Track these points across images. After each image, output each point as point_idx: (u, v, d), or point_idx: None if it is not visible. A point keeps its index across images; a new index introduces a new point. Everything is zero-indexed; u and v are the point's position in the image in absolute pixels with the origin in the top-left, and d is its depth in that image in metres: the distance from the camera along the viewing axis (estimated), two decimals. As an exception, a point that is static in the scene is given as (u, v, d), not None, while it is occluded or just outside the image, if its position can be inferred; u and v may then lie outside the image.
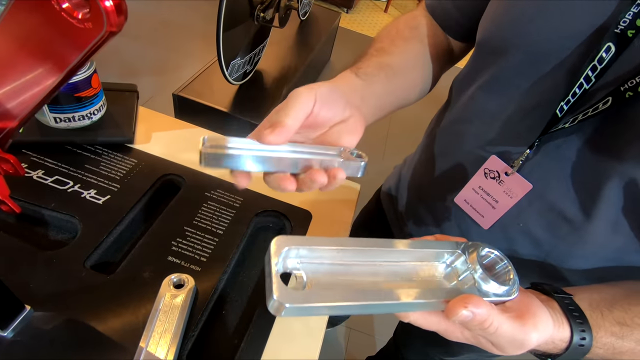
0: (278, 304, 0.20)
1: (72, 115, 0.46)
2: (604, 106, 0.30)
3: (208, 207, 0.46)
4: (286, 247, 0.22)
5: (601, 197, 0.34)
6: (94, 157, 0.48)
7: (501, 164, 0.39)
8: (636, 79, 0.28)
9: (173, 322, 0.34)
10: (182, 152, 0.52)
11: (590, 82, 0.31)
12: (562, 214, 0.37)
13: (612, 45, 0.29)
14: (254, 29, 1.47)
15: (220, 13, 1.12)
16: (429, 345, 0.65)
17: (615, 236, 0.35)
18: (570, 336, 0.28)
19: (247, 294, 0.42)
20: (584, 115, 0.31)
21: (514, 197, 0.40)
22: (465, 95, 0.44)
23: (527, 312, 0.26)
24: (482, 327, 0.24)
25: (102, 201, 0.43)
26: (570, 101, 0.32)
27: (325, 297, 0.21)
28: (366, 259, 0.26)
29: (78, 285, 0.36)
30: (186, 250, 0.41)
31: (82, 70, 0.43)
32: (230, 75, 1.38)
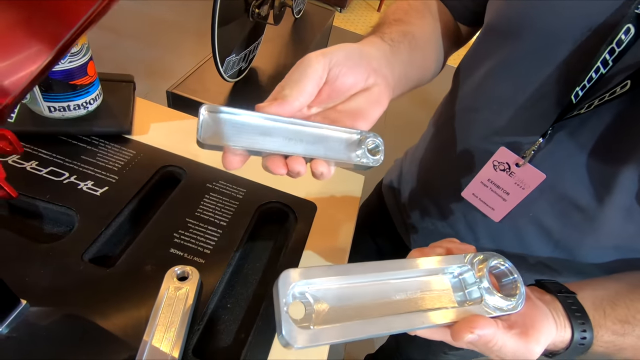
0: (286, 343, 0.20)
1: (67, 105, 0.44)
2: (622, 90, 0.29)
3: (210, 199, 0.45)
4: (293, 282, 0.22)
5: (616, 184, 0.33)
6: (90, 148, 0.46)
7: (511, 155, 0.38)
8: None
9: (178, 315, 0.33)
10: (181, 143, 0.51)
11: (607, 65, 0.30)
12: (574, 203, 0.36)
13: (631, 27, 0.28)
14: (249, 26, 1.45)
15: (215, 7, 1.10)
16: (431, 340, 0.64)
17: (627, 224, 0.35)
18: (571, 336, 0.28)
19: (253, 287, 0.40)
20: (600, 101, 0.30)
21: (527, 188, 0.38)
22: (473, 81, 0.43)
23: (532, 327, 0.26)
24: (487, 347, 0.25)
25: (100, 193, 0.41)
26: (586, 86, 0.31)
27: (333, 335, 0.21)
28: (374, 279, 0.26)
29: (76, 279, 0.35)
30: (189, 242, 0.40)
31: (77, 56, 0.42)
32: (225, 72, 1.36)
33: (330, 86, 0.27)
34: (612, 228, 0.36)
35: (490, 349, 0.25)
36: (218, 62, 1.26)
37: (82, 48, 0.42)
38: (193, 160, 0.49)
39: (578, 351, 0.29)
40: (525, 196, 0.38)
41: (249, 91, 1.56)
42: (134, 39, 2.11)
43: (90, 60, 0.44)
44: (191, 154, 0.49)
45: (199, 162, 0.49)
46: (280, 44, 1.94)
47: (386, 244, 0.66)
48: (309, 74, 0.26)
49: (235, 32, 1.34)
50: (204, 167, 0.49)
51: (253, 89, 1.60)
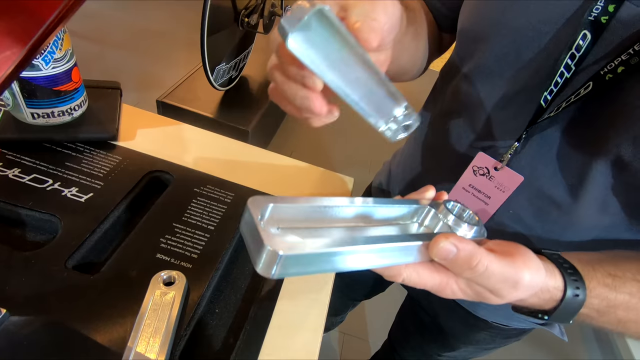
0: (270, 256, 0.18)
1: (51, 111, 0.44)
2: (586, 91, 0.30)
3: (198, 203, 0.44)
4: (264, 204, 0.21)
5: (588, 178, 0.34)
6: (75, 154, 0.45)
7: (490, 160, 0.39)
8: (614, 61, 0.28)
9: (164, 320, 0.32)
10: (169, 149, 0.50)
11: (570, 70, 0.31)
12: (550, 199, 0.37)
13: (587, 33, 0.30)
14: (238, 35, 1.46)
15: (204, 16, 1.11)
16: (425, 342, 0.63)
17: (603, 216, 0.36)
18: (564, 287, 0.28)
19: (242, 291, 0.40)
20: (567, 102, 0.32)
21: (506, 190, 0.40)
22: (451, 86, 0.44)
23: (516, 251, 0.26)
24: (470, 266, 0.24)
25: (85, 199, 0.41)
26: (553, 91, 0.32)
27: (317, 244, 0.20)
28: (342, 223, 0.26)
29: (59, 286, 0.34)
30: (176, 247, 0.39)
31: (61, 62, 0.41)
32: (215, 81, 1.37)
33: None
34: (588, 221, 0.36)
35: (475, 271, 0.24)
36: (208, 70, 1.27)
37: (65, 54, 0.41)
38: (181, 165, 0.49)
39: (573, 306, 0.28)
40: (505, 199, 0.39)
41: (240, 99, 1.56)
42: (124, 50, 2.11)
43: (75, 66, 0.44)
44: (179, 159, 0.49)
45: (186, 167, 0.49)
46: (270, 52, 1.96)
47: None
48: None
49: (225, 41, 1.35)
50: (192, 171, 0.48)
51: (244, 97, 1.60)
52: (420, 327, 0.64)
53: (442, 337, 0.60)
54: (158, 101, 1.40)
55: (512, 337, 0.55)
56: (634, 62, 0.27)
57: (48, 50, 0.40)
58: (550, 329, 0.51)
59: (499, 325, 0.52)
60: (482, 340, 0.56)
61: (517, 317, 0.49)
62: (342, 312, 1.05)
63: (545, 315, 0.29)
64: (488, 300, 0.27)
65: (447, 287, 0.26)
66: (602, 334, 1.59)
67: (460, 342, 0.58)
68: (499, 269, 0.24)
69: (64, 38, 0.41)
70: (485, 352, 0.60)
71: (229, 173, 0.50)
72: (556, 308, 0.28)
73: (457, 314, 0.54)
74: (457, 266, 0.24)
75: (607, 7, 0.28)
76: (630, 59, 0.28)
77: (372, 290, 0.84)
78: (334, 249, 0.21)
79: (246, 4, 1.41)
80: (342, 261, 0.22)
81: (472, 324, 0.54)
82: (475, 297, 0.27)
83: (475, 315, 0.52)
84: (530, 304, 0.29)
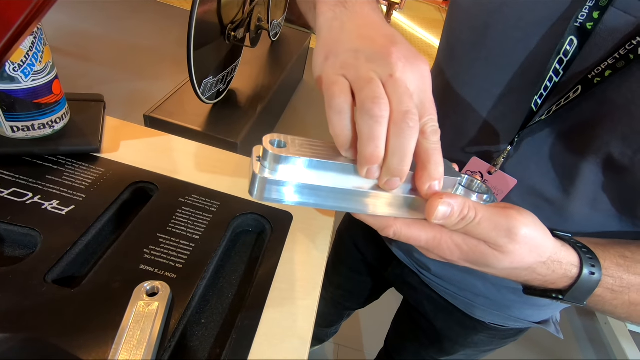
0: (255, 179, 0.23)
1: (31, 124, 0.43)
2: (575, 95, 0.31)
3: (183, 213, 0.44)
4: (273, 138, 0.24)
5: (579, 176, 0.34)
6: (56, 167, 0.45)
7: (483, 164, 0.40)
8: (602, 66, 0.29)
9: (147, 332, 0.31)
10: (153, 160, 0.50)
11: (559, 74, 0.32)
12: (543, 196, 0.38)
13: (574, 39, 0.30)
14: (225, 48, 1.47)
15: (190, 31, 1.12)
16: (422, 347, 0.63)
17: (595, 213, 0.36)
18: (580, 263, 0.27)
19: (229, 301, 0.39)
20: (557, 106, 0.32)
21: (500, 194, 0.40)
22: (440, 89, 0.45)
23: (513, 207, 0.26)
24: (463, 217, 0.24)
25: (66, 212, 0.40)
26: (543, 95, 0.33)
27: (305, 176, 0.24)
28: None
29: (37, 301, 0.33)
30: (160, 257, 0.39)
31: (41, 74, 0.41)
32: (203, 94, 1.37)
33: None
34: (581, 218, 0.37)
35: (467, 221, 0.24)
36: (195, 83, 1.27)
37: (46, 66, 0.41)
38: (166, 175, 0.48)
39: (589, 285, 0.28)
40: (499, 201, 0.40)
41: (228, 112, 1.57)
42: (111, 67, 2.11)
43: (56, 79, 0.44)
44: (163, 170, 0.49)
45: (171, 177, 0.48)
46: (258, 65, 1.98)
47: (370, 253, 0.65)
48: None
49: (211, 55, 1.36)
50: (177, 182, 0.48)
51: (232, 110, 1.61)
52: (417, 332, 0.64)
53: (440, 341, 0.59)
54: (145, 116, 1.40)
55: (510, 337, 0.55)
56: (620, 65, 0.28)
57: (28, 63, 0.39)
58: (546, 327, 0.51)
59: (496, 326, 0.52)
60: (480, 343, 0.56)
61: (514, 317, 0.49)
62: (336, 322, 1.04)
63: (560, 295, 0.29)
64: (487, 258, 0.26)
65: (442, 242, 0.26)
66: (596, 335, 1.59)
67: (457, 345, 0.58)
68: (490, 215, 0.24)
69: (44, 50, 0.41)
70: (484, 354, 0.60)
71: (214, 182, 0.49)
72: (572, 286, 0.28)
73: (454, 316, 0.54)
74: (453, 222, 0.24)
75: (592, 14, 0.29)
76: (616, 63, 0.28)
77: (367, 299, 0.83)
78: (318, 183, 0.24)
79: (232, 19, 1.42)
80: (328, 198, 0.24)
81: (469, 326, 0.54)
82: (472, 255, 0.26)
83: (472, 317, 0.52)
84: (541, 278, 0.28)
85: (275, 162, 0.23)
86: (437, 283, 0.52)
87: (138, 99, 1.91)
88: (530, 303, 0.47)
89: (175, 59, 2.31)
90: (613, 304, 0.30)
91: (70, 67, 2.00)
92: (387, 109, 0.22)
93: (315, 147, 0.25)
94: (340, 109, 0.23)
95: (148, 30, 2.55)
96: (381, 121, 0.21)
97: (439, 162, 0.24)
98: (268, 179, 0.23)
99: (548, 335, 1.51)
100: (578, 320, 1.64)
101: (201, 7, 1.16)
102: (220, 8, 1.31)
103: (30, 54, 0.39)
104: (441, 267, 0.50)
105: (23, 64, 0.39)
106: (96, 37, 2.31)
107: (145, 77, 2.12)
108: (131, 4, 2.82)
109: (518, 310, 0.48)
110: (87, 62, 2.08)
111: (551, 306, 0.49)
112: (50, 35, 1.83)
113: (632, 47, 0.27)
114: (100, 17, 2.51)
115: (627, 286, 0.29)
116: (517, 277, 0.28)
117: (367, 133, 0.22)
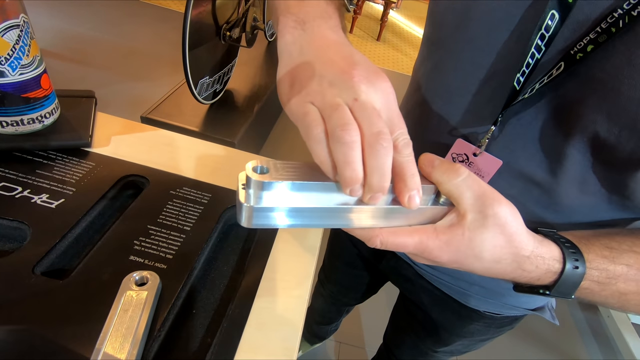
0: (241, 208, 0.24)
1: (20, 119, 0.43)
2: (558, 71, 0.31)
3: (174, 205, 0.44)
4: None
5: (567, 157, 0.34)
6: (46, 162, 0.44)
7: (468, 146, 0.39)
8: (584, 40, 0.29)
9: (135, 321, 0.31)
10: (145, 154, 0.50)
11: (541, 50, 0.31)
12: (531, 179, 0.37)
13: (555, 13, 0.30)
14: (221, 48, 1.48)
15: (185, 30, 1.12)
16: (419, 339, 0.62)
17: (584, 195, 0.36)
18: (562, 258, 0.27)
19: (220, 292, 0.39)
20: (540, 84, 0.32)
21: (486, 176, 0.39)
22: (424, 76, 0.44)
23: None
24: (453, 168, 0.26)
25: (55, 205, 0.40)
26: (525, 72, 0.33)
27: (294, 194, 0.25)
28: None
29: (26, 293, 0.33)
30: (150, 248, 0.38)
31: (29, 68, 0.41)
32: (199, 94, 1.37)
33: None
34: (570, 201, 0.36)
35: (458, 173, 0.26)
36: (191, 84, 1.27)
37: (33, 60, 0.41)
38: (157, 169, 0.48)
39: (574, 279, 0.28)
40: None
41: (225, 112, 1.57)
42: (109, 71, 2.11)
43: (45, 73, 0.44)
44: (155, 163, 0.49)
45: (163, 170, 0.48)
46: (255, 66, 1.98)
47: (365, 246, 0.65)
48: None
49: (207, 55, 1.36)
50: (168, 175, 0.48)
51: (229, 110, 1.61)
52: (414, 324, 0.63)
53: (436, 332, 0.59)
54: (142, 117, 1.40)
55: (505, 325, 0.55)
56: (602, 39, 0.28)
57: (15, 57, 0.39)
58: (542, 313, 0.51)
59: (491, 315, 0.52)
60: (476, 332, 0.56)
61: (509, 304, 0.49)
62: (336, 319, 1.04)
63: (547, 290, 0.29)
64: (474, 244, 0.26)
65: (429, 244, 0.26)
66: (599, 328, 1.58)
67: (454, 335, 0.57)
68: (481, 182, 0.26)
69: (31, 44, 0.41)
70: (481, 343, 0.60)
71: (206, 175, 0.49)
72: (556, 281, 0.28)
73: (450, 306, 0.54)
74: (441, 170, 0.26)
75: None
76: (598, 37, 0.28)
77: (365, 294, 0.83)
78: (302, 205, 0.25)
79: (227, 19, 1.43)
80: (315, 217, 0.25)
81: (464, 316, 0.53)
82: (460, 248, 0.26)
83: (467, 306, 0.52)
84: (527, 274, 0.28)
85: (259, 189, 0.24)
86: (431, 273, 0.51)
87: (136, 100, 1.91)
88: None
89: (172, 61, 2.32)
90: (603, 295, 0.30)
91: (68, 71, 2.00)
92: (357, 133, 0.23)
93: (297, 169, 0.25)
94: (319, 139, 0.23)
95: (145, 33, 2.56)
96: (353, 146, 0.22)
97: (414, 173, 0.25)
98: (254, 207, 0.24)
99: (552, 330, 1.50)
100: (581, 313, 1.63)
101: (196, 7, 1.16)
102: (215, 8, 1.31)
103: (17, 47, 0.39)
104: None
105: (10, 57, 0.39)
106: (93, 41, 2.32)
107: (143, 79, 2.12)
108: (128, 8, 2.83)
109: (512, 297, 0.48)
110: (84, 66, 2.09)
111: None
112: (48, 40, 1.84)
113: (613, 20, 0.27)
114: (96, 21, 2.52)
115: (614, 277, 0.29)
116: (504, 274, 0.28)
117: (342, 159, 0.23)
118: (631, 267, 0.29)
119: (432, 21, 0.42)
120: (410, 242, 0.26)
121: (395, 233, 0.26)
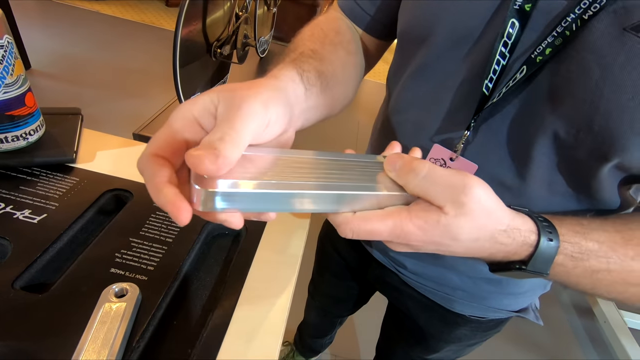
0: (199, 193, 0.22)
1: (4, 136, 0.44)
2: (521, 75, 0.32)
3: (157, 217, 0.44)
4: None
5: (533, 160, 0.35)
6: (30, 178, 0.45)
7: (445, 151, 0.40)
8: (542, 44, 0.30)
9: (112, 332, 0.31)
10: (130, 168, 0.50)
11: (505, 57, 0.33)
12: (502, 184, 0.38)
13: (515, 21, 0.32)
14: (213, 65, 1.50)
15: (175, 48, 1.14)
16: (409, 347, 0.62)
17: (553, 196, 0.37)
18: (537, 230, 0.28)
19: (202, 302, 0.39)
20: (506, 88, 0.33)
21: None
22: (398, 86, 0.46)
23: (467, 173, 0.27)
24: (412, 169, 0.26)
25: (38, 220, 0.40)
26: (493, 78, 0.34)
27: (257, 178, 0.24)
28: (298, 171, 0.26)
29: (4, 307, 0.33)
30: (131, 261, 0.39)
31: (13, 87, 0.42)
32: (190, 110, 1.38)
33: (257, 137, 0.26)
34: (540, 202, 0.37)
35: (418, 171, 0.26)
36: (182, 99, 1.29)
37: (17, 79, 0.42)
38: (141, 183, 0.49)
39: (549, 252, 0.28)
40: None
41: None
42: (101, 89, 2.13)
43: (29, 92, 0.45)
44: (140, 177, 0.49)
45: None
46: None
47: (351, 256, 0.65)
48: (253, 124, 0.24)
49: (198, 71, 1.39)
50: (152, 188, 0.48)
51: (221, 125, 1.62)
52: (403, 333, 0.63)
53: (425, 339, 0.59)
54: (134, 134, 1.41)
55: (492, 329, 0.55)
56: (558, 42, 0.29)
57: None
58: (526, 315, 0.51)
59: (477, 319, 0.52)
60: (463, 337, 0.56)
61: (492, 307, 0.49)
62: (330, 331, 1.03)
63: (523, 265, 0.29)
64: (450, 228, 0.25)
65: (403, 228, 0.25)
66: (596, 334, 1.57)
67: (442, 341, 0.58)
68: (443, 171, 0.26)
69: (16, 64, 0.42)
70: (469, 348, 0.60)
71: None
72: (532, 254, 0.28)
73: (436, 312, 0.54)
74: (403, 175, 0.27)
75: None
76: (555, 41, 0.30)
77: (355, 304, 0.82)
78: (277, 180, 0.24)
79: (218, 36, 1.46)
80: (286, 203, 0.24)
81: (451, 321, 0.54)
82: (436, 231, 0.26)
83: (452, 311, 0.52)
84: (504, 247, 0.28)
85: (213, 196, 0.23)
86: (415, 280, 0.52)
87: (128, 118, 1.93)
88: (507, 292, 0.47)
89: (165, 79, 2.35)
90: (576, 273, 0.30)
91: (62, 91, 2.02)
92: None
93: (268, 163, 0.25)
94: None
95: (137, 53, 2.59)
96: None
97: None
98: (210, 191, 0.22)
99: (549, 337, 1.49)
100: (577, 320, 1.62)
101: (186, 25, 1.19)
102: (205, 26, 1.34)
103: (1, 67, 0.40)
104: (416, 263, 0.50)
105: (-6, 77, 0.40)
106: (87, 60, 2.35)
107: (135, 96, 2.14)
108: (122, 29, 2.88)
109: (495, 300, 0.48)
110: (79, 85, 2.11)
111: (527, 293, 0.49)
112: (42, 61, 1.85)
113: (567, 24, 0.28)
114: (90, 42, 2.56)
115: (586, 252, 0.29)
116: (482, 250, 0.28)
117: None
118: (602, 244, 0.29)
119: (401, 34, 0.43)
120: (384, 228, 0.25)
121: (367, 219, 0.25)
